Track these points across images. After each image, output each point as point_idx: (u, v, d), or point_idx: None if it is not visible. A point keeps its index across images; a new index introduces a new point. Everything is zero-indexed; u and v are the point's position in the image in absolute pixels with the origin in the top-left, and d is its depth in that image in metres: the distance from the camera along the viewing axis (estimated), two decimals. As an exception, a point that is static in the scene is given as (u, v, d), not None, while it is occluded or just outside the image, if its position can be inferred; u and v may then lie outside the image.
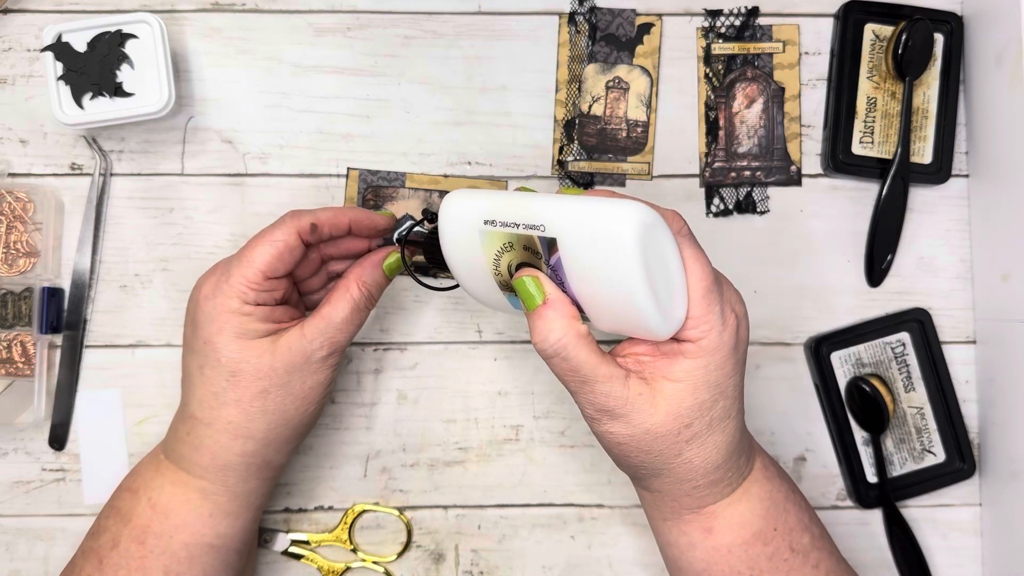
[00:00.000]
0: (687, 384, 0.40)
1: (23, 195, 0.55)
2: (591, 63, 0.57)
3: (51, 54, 0.52)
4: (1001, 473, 0.55)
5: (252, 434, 0.46)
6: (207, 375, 0.45)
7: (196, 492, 0.46)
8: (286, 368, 0.46)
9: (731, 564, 0.44)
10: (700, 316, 0.40)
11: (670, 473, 0.43)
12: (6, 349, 0.54)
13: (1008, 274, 0.54)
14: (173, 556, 0.46)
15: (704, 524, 0.44)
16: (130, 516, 0.46)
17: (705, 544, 0.44)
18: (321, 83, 0.57)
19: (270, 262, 0.46)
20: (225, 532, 0.47)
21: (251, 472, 0.47)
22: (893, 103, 0.57)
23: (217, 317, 0.45)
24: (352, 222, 0.49)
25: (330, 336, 0.46)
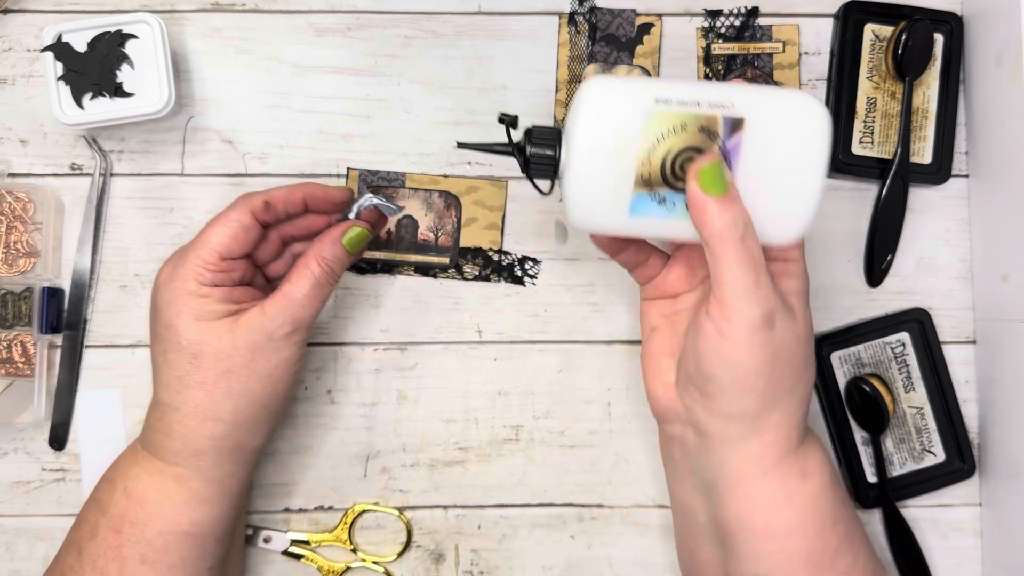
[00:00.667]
0: (804, 307, 0.45)
1: (23, 195, 0.55)
2: (591, 63, 0.57)
3: (51, 54, 0.52)
4: (1001, 473, 0.55)
5: (220, 416, 0.46)
6: (170, 359, 0.46)
7: (170, 479, 0.46)
8: (248, 347, 0.46)
9: (823, 508, 0.43)
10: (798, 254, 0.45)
11: (795, 395, 0.43)
12: (6, 349, 0.54)
13: (1008, 274, 0.54)
14: (149, 544, 0.46)
15: (801, 466, 0.44)
16: (107, 506, 0.46)
17: (803, 490, 0.43)
18: (321, 83, 0.57)
19: (225, 242, 0.46)
20: (201, 519, 0.47)
21: (224, 456, 0.47)
22: (893, 103, 0.57)
23: (175, 300, 0.45)
24: (306, 197, 0.49)
25: (292, 313, 0.46)
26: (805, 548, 0.43)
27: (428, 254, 0.57)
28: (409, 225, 0.57)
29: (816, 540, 0.43)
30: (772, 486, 0.43)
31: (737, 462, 0.44)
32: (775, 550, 0.43)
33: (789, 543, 0.43)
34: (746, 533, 0.44)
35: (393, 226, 0.57)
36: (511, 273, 0.57)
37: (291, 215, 0.49)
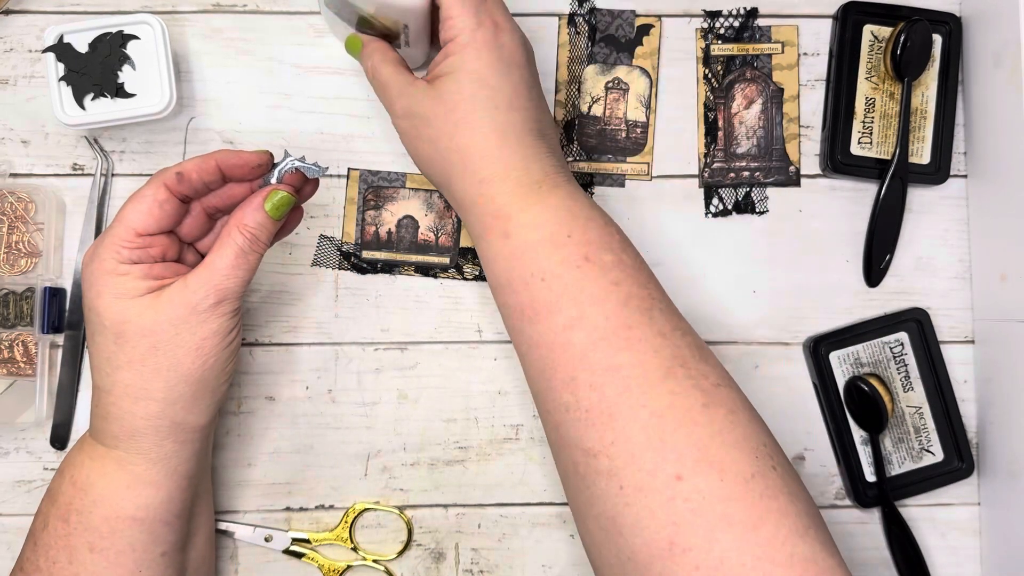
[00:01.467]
0: (451, 75, 0.47)
1: (25, 195, 0.55)
2: (591, 64, 0.58)
3: (53, 55, 0.53)
4: (999, 472, 0.55)
5: (152, 395, 0.45)
6: (97, 341, 0.45)
7: (112, 463, 0.45)
8: (171, 321, 0.44)
9: (523, 266, 0.45)
10: (454, 16, 0.47)
11: (453, 168, 0.47)
12: (8, 349, 0.55)
13: (1006, 274, 0.54)
14: (96, 531, 0.45)
15: (502, 228, 0.46)
16: (56, 495, 0.46)
17: (504, 250, 0.46)
18: (322, 84, 0.57)
19: (140, 218, 0.45)
20: (147, 503, 0.46)
21: (162, 435, 0.45)
22: (892, 104, 0.57)
23: (95, 282, 0.45)
24: (220, 164, 0.47)
25: (215, 284, 0.45)
26: (516, 301, 0.46)
27: (428, 254, 0.57)
28: (409, 225, 0.57)
29: (524, 293, 0.45)
30: (483, 247, 0.48)
31: (468, 226, 0.49)
32: (500, 304, 0.48)
33: (503, 296, 0.47)
34: (490, 289, 0.49)
35: (394, 226, 0.57)
36: (511, 273, 0.57)
37: (209, 186, 0.47)
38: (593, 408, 0.43)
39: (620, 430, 0.42)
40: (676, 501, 0.40)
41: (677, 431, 0.41)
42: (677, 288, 0.57)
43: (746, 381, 0.57)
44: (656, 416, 0.41)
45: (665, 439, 0.41)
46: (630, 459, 0.41)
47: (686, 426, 0.41)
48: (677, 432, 0.41)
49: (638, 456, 0.41)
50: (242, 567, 0.56)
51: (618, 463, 0.42)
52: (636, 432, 0.41)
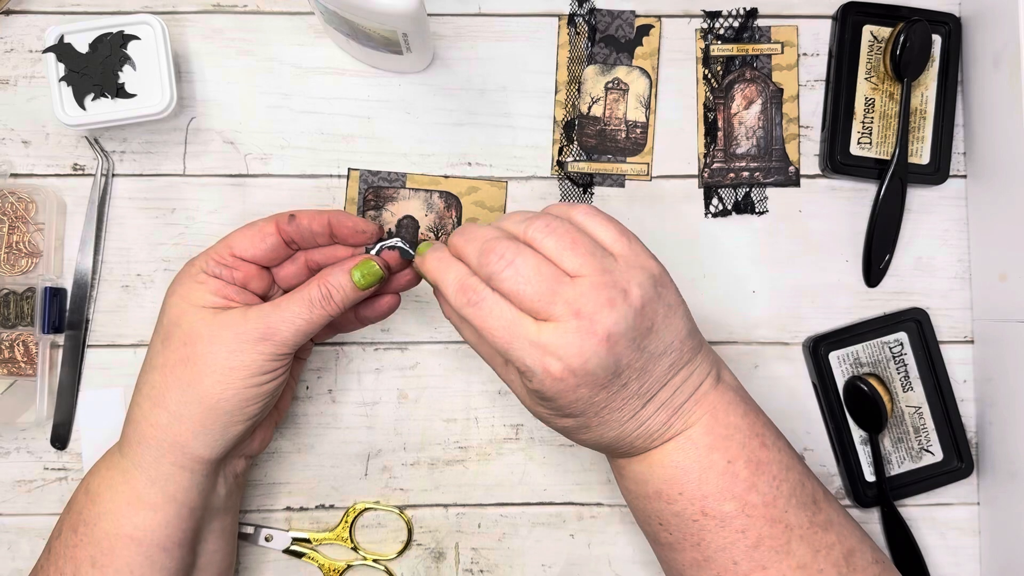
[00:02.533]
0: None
1: (25, 195, 0.55)
2: (590, 64, 0.58)
3: (53, 55, 0.53)
4: (999, 472, 0.55)
5: (166, 404, 0.44)
6: (152, 340, 0.46)
7: (119, 474, 0.45)
8: (211, 339, 0.44)
9: (641, 509, 0.46)
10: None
11: (591, 433, 0.44)
12: (8, 349, 0.55)
13: (1006, 274, 0.54)
14: (98, 546, 0.45)
15: (619, 466, 0.46)
16: (72, 504, 0.47)
17: (621, 484, 0.47)
18: (322, 84, 0.57)
19: (239, 241, 0.47)
20: (144, 524, 0.45)
21: (162, 450, 0.45)
22: (891, 104, 0.57)
23: (176, 284, 0.47)
24: (331, 220, 0.47)
25: (269, 321, 0.44)
26: (644, 525, 0.46)
27: (428, 254, 0.57)
28: (410, 225, 0.57)
29: (645, 526, 0.46)
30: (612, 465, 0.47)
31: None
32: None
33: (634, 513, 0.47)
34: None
35: (394, 227, 0.57)
36: (511, 273, 0.57)
37: (317, 239, 0.48)
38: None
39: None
40: None
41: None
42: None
43: (746, 381, 0.57)
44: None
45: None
46: None
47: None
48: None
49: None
50: (242, 567, 0.56)
51: None
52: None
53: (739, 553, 0.43)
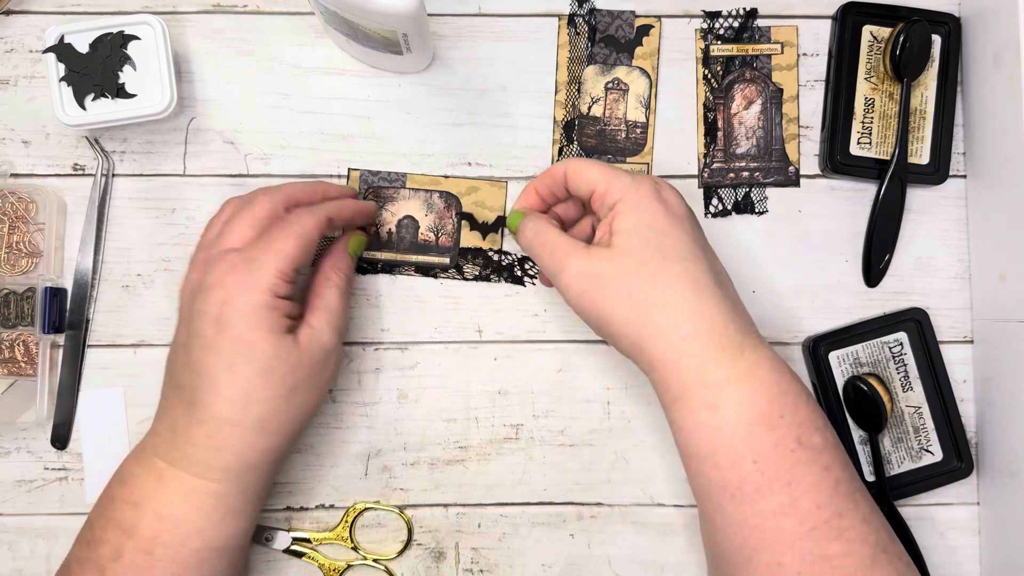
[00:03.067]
0: (628, 231, 0.46)
1: (25, 195, 0.55)
2: (590, 64, 0.58)
3: (53, 55, 0.53)
4: (999, 472, 0.55)
5: (279, 430, 0.46)
6: (238, 373, 0.44)
7: (209, 498, 0.45)
8: (312, 364, 0.47)
9: (735, 446, 0.43)
10: (611, 182, 0.47)
11: (652, 324, 0.44)
12: (9, 349, 0.55)
13: (1005, 274, 0.54)
14: (183, 563, 0.45)
15: (709, 400, 0.44)
16: (134, 529, 0.45)
17: (710, 423, 0.44)
18: (322, 84, 0.57)
19: (299, 256, 0.47)
20: (234, 532, 0.47)
21: (268, 469, 0.47)
22: (891, 104, 0.57)
23: (251, 313, 0.45)
24: (356, 215, 0.52)
25: (335, 323, 0.49)
26: (719, 477, 0.44)
27: (428, 254, 0.57)
28: (410, 226, 0.57)
29: (731, 472, 0.43)
30: (682, 414, 0.45)
31: (656, 390, 0.47)
32: (696, 473, 0.45)
33: (704, 468, 0.45)
34: (679, 452, 0.47)
35: (394, 227, 0.57)
36: (511, 273, 0.57)
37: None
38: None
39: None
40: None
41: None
42: (677, 288, 0.57)
43: (746, 381, 0.57)
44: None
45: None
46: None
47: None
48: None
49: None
50: (242, 567, 0.56)
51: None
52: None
53: (823, 495, 0.43)
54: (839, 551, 0.42)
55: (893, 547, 0.44)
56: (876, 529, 0.44)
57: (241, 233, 0.47)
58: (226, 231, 0.48)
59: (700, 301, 0.45)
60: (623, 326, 0.45)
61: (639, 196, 0.47)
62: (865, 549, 0.43)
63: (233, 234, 0.47)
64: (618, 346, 0.47)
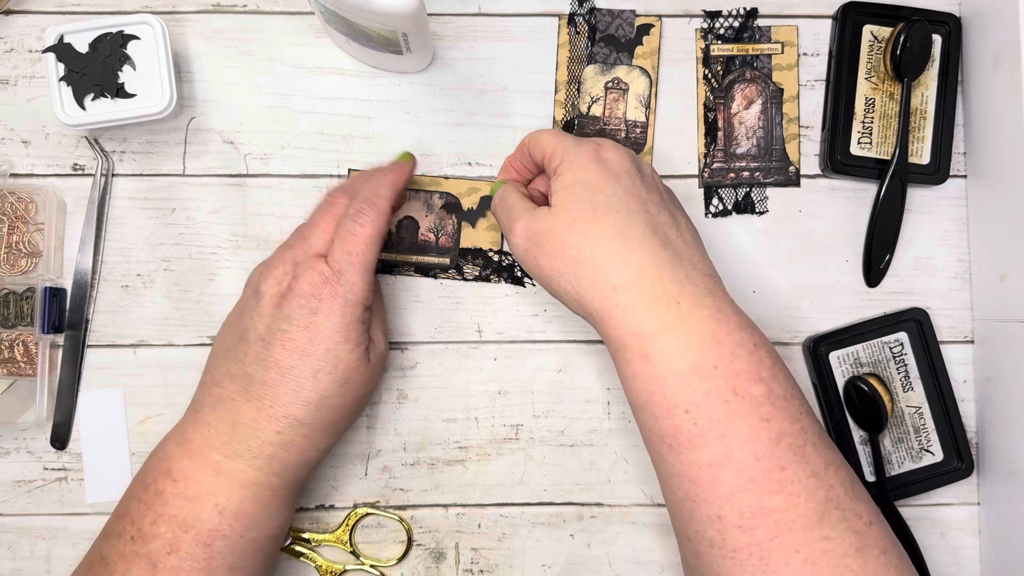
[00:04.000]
0: (564, 189, 0.48)
1: (25, 195, 0.55)
2: (590, 64, 0.58)
3: (53, 55, 0.53)
4: (999, 472, 0.55)
5: (339, 432, 0.50)
6: (321, 379, 0.46)
7: (267, 490, 0.47)
8: (376, 374, 0.50)
9: (667, 395, 0.43)
10: (556, 146, 0.49)
11: (586, 278, 0.46)
12: (8, 349, 0.55)
13: (1006, 274, 0.54)
14: (241, 553, 0.46)
15: (641, 348, 0.44)
16: (192, 523, 0.45)
17: (643, 372, 0.44)
18: (322, 84, 0.57)
19: (374, 261, 0.48)
20: (285, 521, 0.49)
21: (315, 466, 0.50)
22: (891, 104, 0.57)
23: (345, 327, 0.47)
24: (405, 184, 0.52)
25: (385, 331, 0.52)
26: (657, 427, 0.44)
27: (428, 255, 0.57)
28: (410, 226, 0.57)
29: (666, 421, 0.43)
30: (622, 364, 0.46)
31: (607, 341, 0.47)
32: (639, 423, 0.46)
33: (642, 417, 0.45)
34: (628, 401, 0.47)
35: (394, 227, 0.57)
36: (511, 273, 0.57)
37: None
38: (742, 549, 0.42)
39: (772, 574, 0.41)
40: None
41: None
42: (677, 288, 0.57)
43: (746, 381, 0.57)
44: (810, 563, 0.41)
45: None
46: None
47: (841, 573, 0.40)
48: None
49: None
50: (242, 567, 0.56)
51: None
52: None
53: (761, 447, 0.42)
54: (780, 505, 0.41)
55: (852, 505, 0.42)
56: (829, 485, 0.42)
57: (319, 234, 0.49)
58: (308, 232, 0.49)
59: (629, 252, 0.45)
60: (561, 282, 0.47)
61: (576, 155, 0.48)
62: (811, 504, 0.41)
63: (313, 235, 0.49)
64: (565, 303, 0.48)
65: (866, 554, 0.41)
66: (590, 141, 0.50)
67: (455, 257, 0.57)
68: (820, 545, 0.41)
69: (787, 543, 0.41)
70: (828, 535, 0.41)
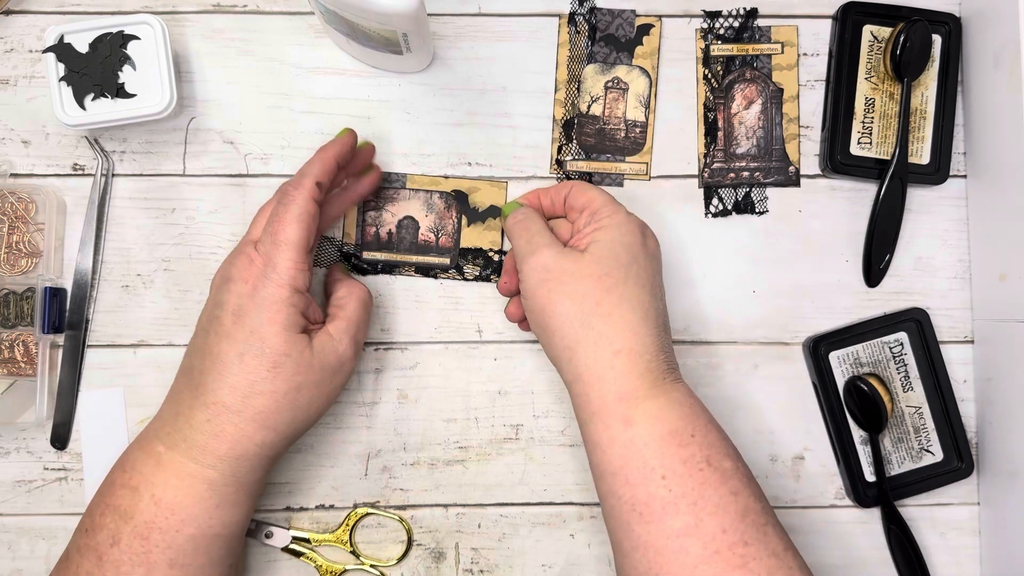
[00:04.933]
0: (606, 243, 0.48)
1: (25, 195, 0.55)
2: (590, 63, 0.58)
3: (53, 55, 0.53)
4: (999, 472, 0.55)
5: (276, 426, 0.47)
6: (247, 363, 0.45)
7: (204, 484, 0.46)
8: (323, 367, 0.47)
9: (645, 459, 0.44)
10: (607, 203, 0.50)
11: (592, 330, 0.46)
12: (8, 349, 0.55)
13: (1006, 274, 0.54)
14: (179, 549, 0.46)
15: (624, 413, 0.45)
16: (132, 513, 0.46)
17: (623, 437, 0.45)
18: (322, 84, 0.57)
19: (304, 237, 0.47)
20: (230, 521, 0.47)
21: (261, 463, 0.48)
22: (891, 104, 0.57)
23: (268, 306, 0.46)
24: (338, 159, 0.50)
25: (353, 334, 0.49)
26: (629, 495, 0.44)
27: (429, 255, 0.57)
28: (410, 226, 0.57)
29: (640, 488, 0.44)
30: (598, 429, 0.46)
31: (575, 406, 0.48)
32: (607, 492, 0.46)
33: (614, 485, 0.45)
34: (593, 471, 0.47)
35: (394, 227, 0.57)
36: (511, 273, 0.57)
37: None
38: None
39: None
40: None
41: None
42: (677, 288, 0.57)
43: (746, 381, 0.57)
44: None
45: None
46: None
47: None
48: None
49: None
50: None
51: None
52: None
53: (728, 520, 0.43)
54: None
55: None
56: (788, 567, 0.43)
57: (259, 224, 0.49)
58: (251, 225, 0.50)
59: (642, 325, 0.47)
60: (565, 324, 0.47)
61: (627, 221, 0.49)
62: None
63: (254, 226, 0.49)
64: (551, 345, 0.48)
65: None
66: (637, 217, 0.50)
67: (455, 257, 0.57)
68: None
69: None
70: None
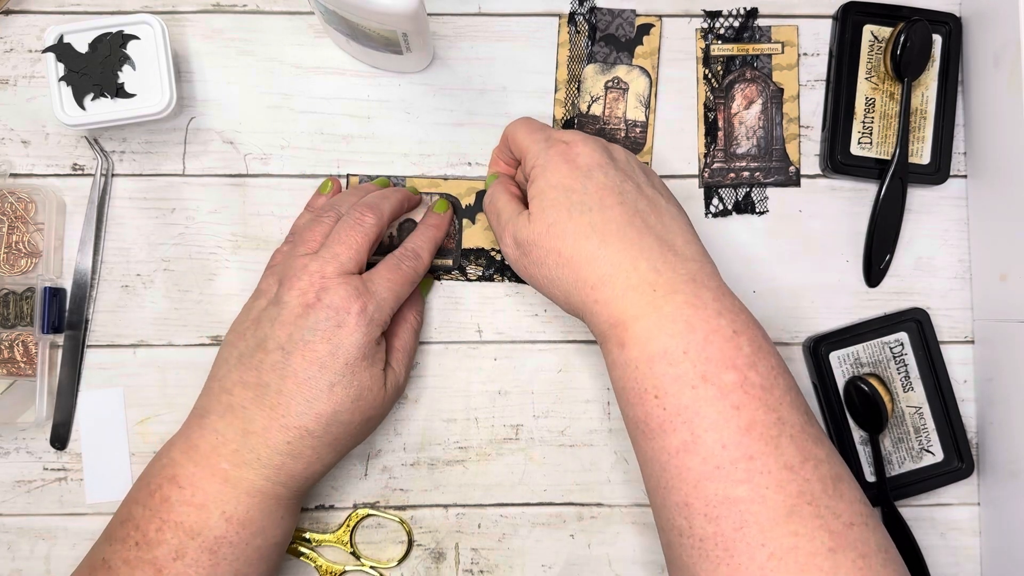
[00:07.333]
0: (538, 195, 0.48)
1: (25, 195, 0.55)
2: (590, 63, 0.58)
3: (53, 55, 0.53)
4: (999, 473, 0.55)
5: (343, 449, 0.49)
6: (336, 393, 0.47)
7: (273, 500, 0.47)
8: (389, 401, 0.50)
9: (639, 381, 0.44)
10: (527, 149, 0.50)
11: (567, 281, 0.46)
12: (8, 349, 0.55)
13: (1006, 274, 0.54)
14: (246, 560, 0.47)
15: (618, 337, 0.45)
16: (199, 530, 0.45)
17: (619, 360, 0.45)
18: (322, 84, 0.57)
19: (406, 297, 0.51)
20: (288, 528, 0.49)
21: (319, 479, 0.50)
22: (891, 104, 0.57)
23: (364, 346, 0.47)
24: (405, 201, 0.54)
25: (407, 364, 0.52)
26: (631, 414, 0.45)
27: (428, 254, 0.57)
28: (410, 228, 0.57)
29: (639, 407, 0.44)
30: (604, 355, 0.47)
31: (597, 336, 0.48)
32: (622, 413, 0.47)
33: (621, 405, 0.46)
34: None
35: (395, 229, 0.57)
36: (513, 273, 0.57)
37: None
38: (708, 539, 0.41)
39: (736, 567, 0.40)
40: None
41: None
42: (677, 288, 0.57)
43: (746, 381, 0.57)
44: (775, 559, 0.39)
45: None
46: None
47: (808, 572, 0.39)
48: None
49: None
50: (242, 567, 0.56)
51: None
52: (753, 572, 0.39)
53: (729, 435, 0.41)
54: (746, 495, 0.40)
55: (831, 503, 0.41)
56: (804, 479, 0.41)
57: (315, 238, 0.50)
58: (340, 251, 0.49)
59: (604, 248, 0.45)
60: (551, 287, 0.48)
61: (548, 159, 0.48)
62: (780, 497, 0.40)
63: (310, 237, 0.50)
64: (560, 306, 0.49)
65: (839, 556, 0.39)
66: (559, 140, 0.49)
67: (457, 258, 0.57)
68: (787, 540, 0.39)
69: (752, 535, 0.40)
70: (797, 531, 0.40)
